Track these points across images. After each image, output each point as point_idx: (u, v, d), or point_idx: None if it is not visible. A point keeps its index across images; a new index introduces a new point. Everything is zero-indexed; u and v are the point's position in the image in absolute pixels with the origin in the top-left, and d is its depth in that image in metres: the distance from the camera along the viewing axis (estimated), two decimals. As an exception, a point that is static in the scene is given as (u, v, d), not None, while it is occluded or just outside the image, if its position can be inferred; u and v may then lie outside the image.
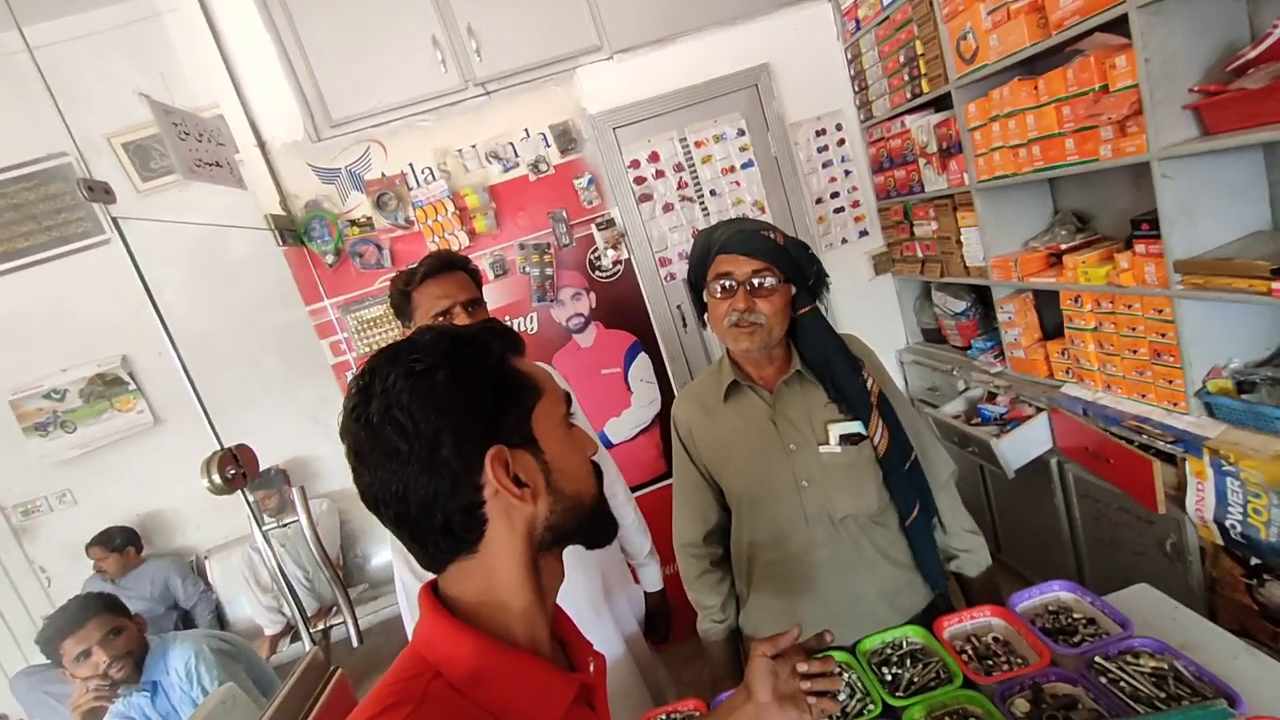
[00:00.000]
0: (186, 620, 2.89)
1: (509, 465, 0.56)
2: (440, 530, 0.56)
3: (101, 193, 1.33)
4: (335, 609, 1.45)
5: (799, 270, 1.09)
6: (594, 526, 0.63)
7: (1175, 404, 1.55)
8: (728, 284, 1.07)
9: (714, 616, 1.26)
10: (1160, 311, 1.52)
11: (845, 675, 1.03)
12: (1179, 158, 1.39)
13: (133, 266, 1.34)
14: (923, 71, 2.13)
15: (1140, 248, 1.54)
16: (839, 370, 1.10)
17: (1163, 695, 0.82)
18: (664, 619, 1.58)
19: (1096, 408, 1.73)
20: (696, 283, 1.15)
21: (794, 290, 1.10)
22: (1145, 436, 1.56)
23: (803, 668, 0.73)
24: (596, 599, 1.35)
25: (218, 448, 1.33)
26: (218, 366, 2.66)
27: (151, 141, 2.82)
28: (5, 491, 2.95)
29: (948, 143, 2.12)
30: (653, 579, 1.54)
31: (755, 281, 1.06)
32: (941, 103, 2.16)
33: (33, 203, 2.86)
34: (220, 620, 2.95)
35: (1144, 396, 1.64)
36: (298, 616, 1.53)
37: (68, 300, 2.82)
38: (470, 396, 0.55)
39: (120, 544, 2.75)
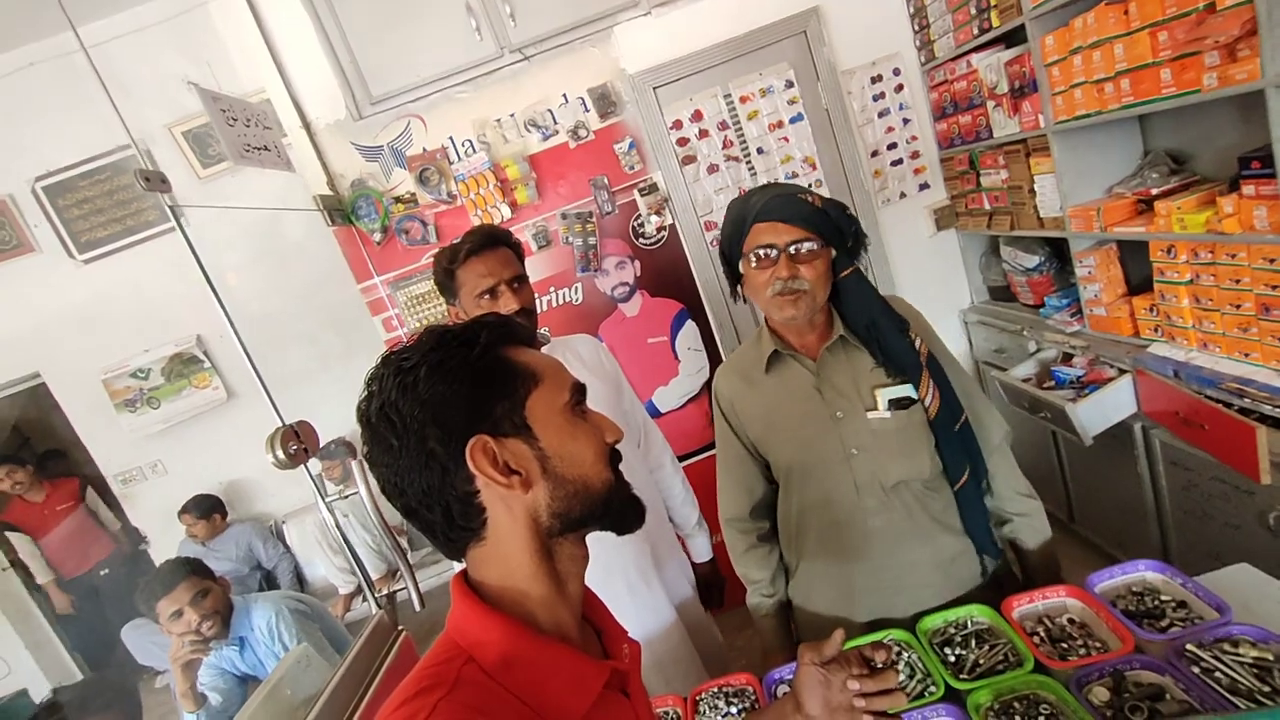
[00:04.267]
0: (269, 580, 3.12)
1: (495, 454, 0.56)
2: (443, 520, 0.58)
3: (158, 182, 1.37)
4: (400, 573, 1.52)
5: (838, 232, 1.05)
6: (613, 512, 0.62)
7: (1285, 364, 1.39)
8: (768, 252, 1.03)
9: (763, 591, 1.24)
10: (1272, 261, 1.35)
11: (904, 655, 0.99)
12: (1302, 82, 1.21)
13: (190, 251, 1.38)
14: (992, 3, 1.93)
15: (1249, 189, 1.37)
16: (885, 331, 1.06)
17: (1267, 689, 0.75)
18: (717, 588, 1.57)
19: (1189, 368, 1.57)
20: (731, 253, 1.11)
21: (834, 253, 1.06)
22: (1248, 400, 1.41)
23: (854, 685, 0.68)
24: (646, 568, 1.35)
25: (280, 424, 1.38)
26: (279, 344, 2.78)
27: (208, 129, 2.92)
28: (107, 462, 3.22)
29: (1020, 81, 1.93)
30: (701, 549, 1.54)
31: (796, 248, 1.02)
32: (1014, 37, 1.96)
33: (105, 195, 3.03)
34: (299, 580, 3.17)
35: (1247, 356, 1.47)
36: (363, 581, 1.61)
37: (145, 285, 3.00)
38: (451, 389, 0.56)
39: (206, 510, 2.97)
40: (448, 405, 0.56)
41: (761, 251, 1.03)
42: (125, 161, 2.97)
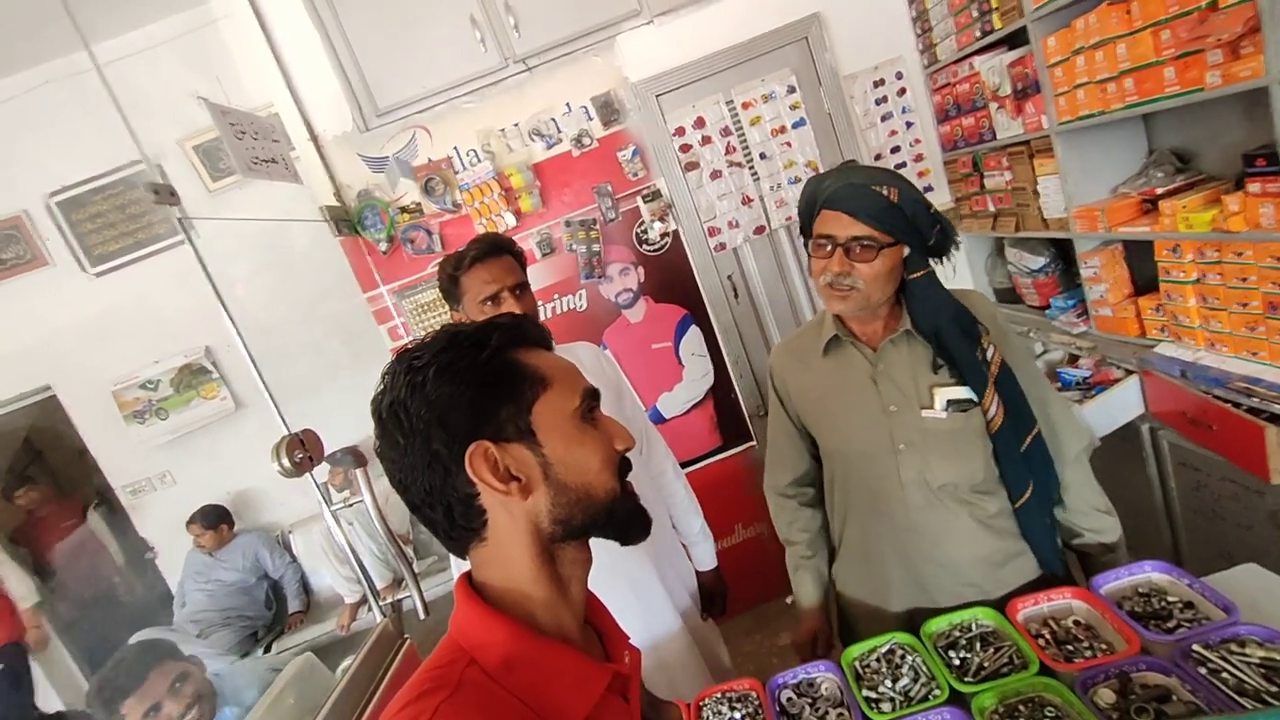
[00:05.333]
0: (276, 589, 3.13)
1: (496, 459, 0.56)
2: (445, 519, 0.59)
3: (167, 195, 1.40)
4: (405, 581, 1.52)
5: (913, 230, 0.99)
6: (616, 522, 0.62)
7: (1294, 363, 1.38)
8: (826, 243, 1.00)
9: (801, 553, 1.25)
10: (1278, 259, 1.34)
11: (909, 658, 0.98)
12: (1304, 79, 1.20)
13: (199, 263, 1.41)
14: (994, 5, 1.94)
15: (1255, 187, 1.36)
16: (952, 342, 1.01)
17: (1274, 689, 0.74)
18: (720, 596, 1.56)
19: (1197, 368, 1.56)
20: (805, 229, 1.08)
21: (907, 251, 1.01)
22: (1256, 399, 1.40)
23: None
24: (650, 570, 1.35)
25: (285, 433, 1.40)
26: (286, 355, 2.80)
27: (217, 143, 2.97)
28: (116, 473, 3.25)
29: (1023, 83, 1.93)
30: (705, 557, 1.53)
31: (855, 244, 0.97)
32: (1016, 39, 1.96)
33: (117, 209, 3.08)
34: (305, 589, 3.17)
35: (1255, 355, 1.46)
36: (368, 590, 1.61)
37: (154, 297, 3.04)
38: (457, 391, 0.56)
39: (214, 521, 2.99)
40: (453, 407, 0.56)
41: (821, 240, 1.00)
42: (136, 176, 3.02)
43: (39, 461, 3.83)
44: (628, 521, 0.62)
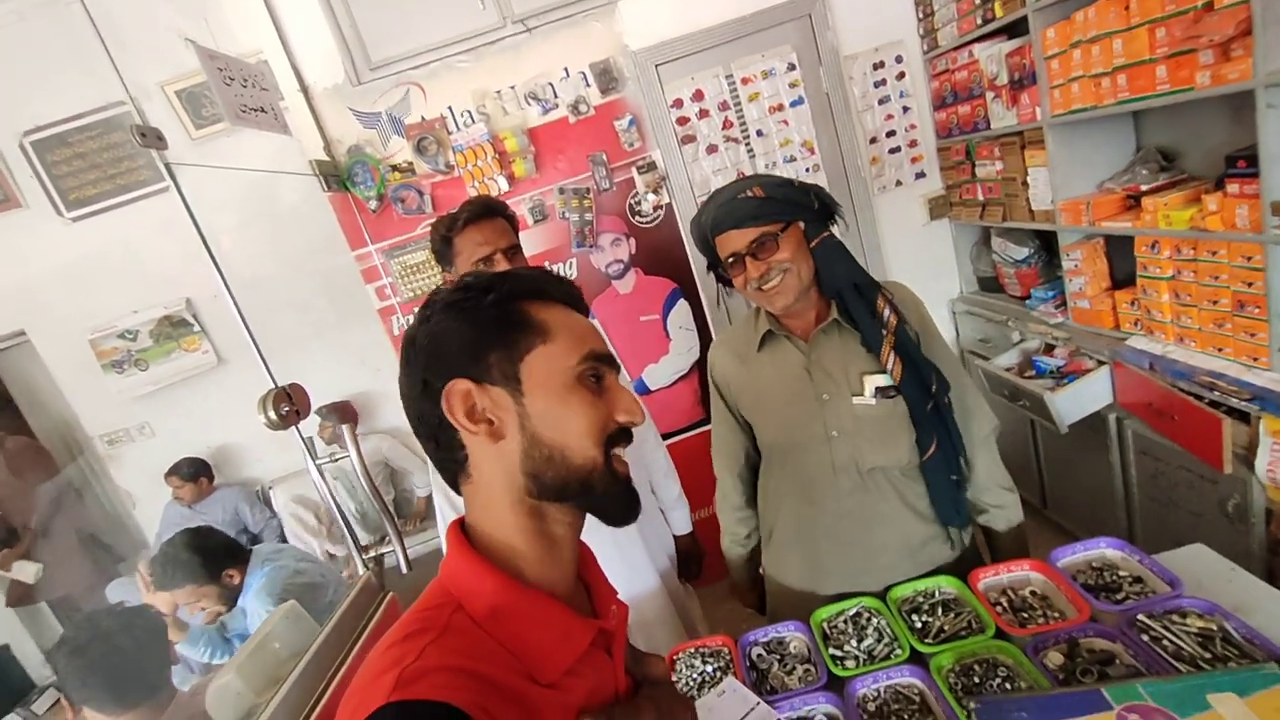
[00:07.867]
0: (255, 543, 3.14)
1: (474, 400, 0.58)
2: (433, 446, 0.62)
3: (154, 138, 1.36)
4: (387, 537, 1.55)
5: (795, 206, 1.07)
6: (595, 496, 0.60)
7: (1256, 359, 1.44)
8: (734, 259, 1.08)
9: (738, 541, 1.35)
10: (1249, 259, 1.39)
11: (873, 620, 1.04)
12: (1288, 83, 1.24)
13: (186, 210, 1.38)
14: (995, -8, 1.94)
15: (1233, 188, 1.40)
16: (849, 300, 1.08)
17: (1208, 656, 0.79)
18: (696, 560, 1.61)
19: (1165, 362, 1.62)
20: (713, 263, 1.16)
21: (804, 225, 1.08)
22: (1217, 393, 1.46)
23: None
24: (632, 533, 1.39)
25: (272, 386, 1.40)
26: (272, 310, 2.75)
27: (202, 89, 2.86)
28: (92, 422, 3.21)
29: (1020, 73, 1.95)
30: (681, 522, 1.57)
31: (756, 245, 1.06)
32: (1016, 29, 1.97)
33: (97, 151, 2.97)
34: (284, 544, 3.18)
35: (1220, 350, 1.52)
36: (351, 544, 1.63)
37: (135, 245, 2.96)
38: (455, 327, 0.59)
39: (193, 474, 2.97)
40: (447, 341, 0.59)
41: (730, 259, 1.08)
42: (118, 119, 2.91)
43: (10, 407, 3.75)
44: (608, 501, 0.61)
